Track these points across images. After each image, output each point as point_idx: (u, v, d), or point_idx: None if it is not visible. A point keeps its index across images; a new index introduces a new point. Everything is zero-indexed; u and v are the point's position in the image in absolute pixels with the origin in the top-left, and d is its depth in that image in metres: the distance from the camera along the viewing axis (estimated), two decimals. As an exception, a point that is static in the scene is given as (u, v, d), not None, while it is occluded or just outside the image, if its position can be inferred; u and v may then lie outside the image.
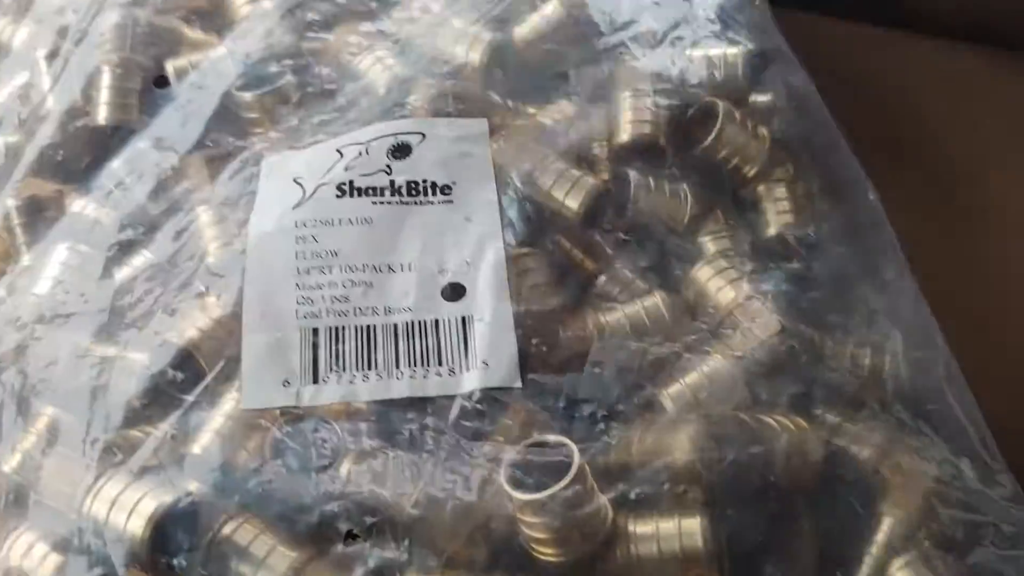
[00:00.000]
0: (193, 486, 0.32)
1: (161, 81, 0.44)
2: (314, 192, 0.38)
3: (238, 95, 0.42)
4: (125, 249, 0.39)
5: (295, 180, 0.39)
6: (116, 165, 0.41)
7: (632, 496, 0.32)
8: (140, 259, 0.38)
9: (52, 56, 0.45)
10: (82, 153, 0.42)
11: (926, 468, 0.35)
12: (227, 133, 0.42)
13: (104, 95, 0.43)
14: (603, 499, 0.32)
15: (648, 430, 0.34)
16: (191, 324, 0.35)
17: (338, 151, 0.40)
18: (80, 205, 0.41)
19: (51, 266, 0.38)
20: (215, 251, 0.38)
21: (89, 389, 0.34)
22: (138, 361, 0.35)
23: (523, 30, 0.45)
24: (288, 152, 0.41)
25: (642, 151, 0.42)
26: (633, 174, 0.41)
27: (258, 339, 0.35)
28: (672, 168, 0.42)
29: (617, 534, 0.32)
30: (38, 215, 0.40)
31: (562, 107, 0.43)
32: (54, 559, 0.31)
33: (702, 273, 0.39)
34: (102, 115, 0.43)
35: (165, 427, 0.33)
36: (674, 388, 0.35)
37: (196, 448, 0.33)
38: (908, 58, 0.63)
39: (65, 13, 0.47)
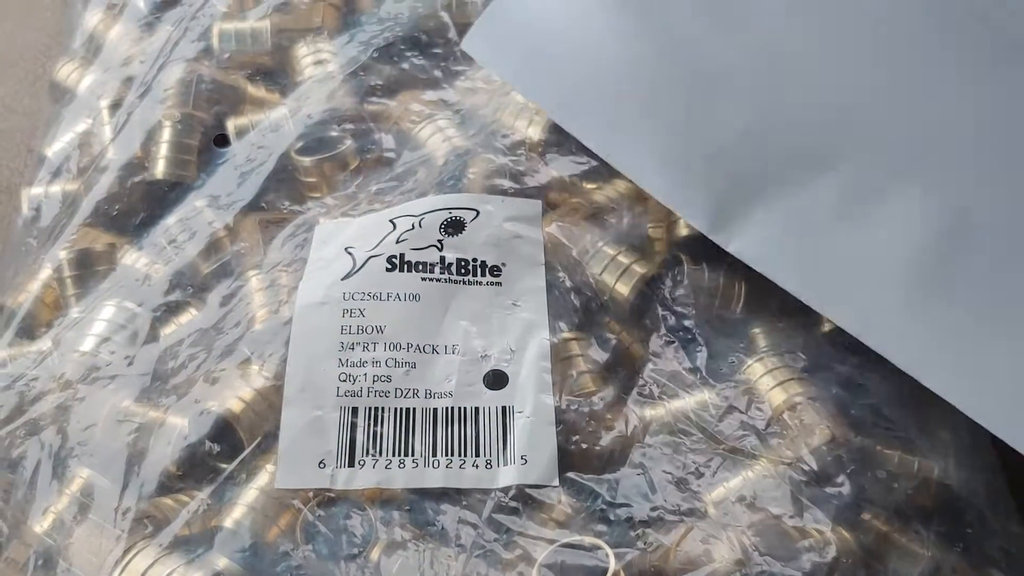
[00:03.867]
0: (222, 563, 0.32)
1: (221, 140, 0.44)
2: (364, 263, 0.38)
3: (297, 159, 0.42)
4: (173, 310, 0.39)
5: (346, 249, 0.39)
6: (170, 222, 0.41)
7: (666, 606, 0.32)
8: (187, 322, 0.38)
9: (115, 106, 0.46)
10: (138, 207, 0.42)
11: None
12: (283, 196, 0.42)
13: (163, 150, 0.43)
14: (637, 607, 0.31)
15: (687, 537, 0.33)
16: (232, 394, 0.35)
17: (391, 222, 0.39)
18: (132, 259, 0.41)
19: (98, 323, 0.38)
20: (262, 318, 0.37)
21: (126, 455, 0.34)
22: (177, 429, 0.34)
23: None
24: (342, 219, 0.40)
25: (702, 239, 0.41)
26: (686, 261, 0.40)
27: (297, 415, 0.34)
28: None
29: (648, 644, 0.31)
30: (89, 268, 0.41)
31: (619, 186, 0.43)
32: (80, 630, 0.31)
33: (752, 370, 0.38)
34: (160, 170, 0.43)
35: (200, 499, 0.33)
36: (717, 492, 0.34)
37: (228, 522, 0.33)
38: None
39: (132, 63, 0.47)
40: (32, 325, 0.40)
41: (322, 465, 0.34)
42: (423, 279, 0.38)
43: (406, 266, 0.38)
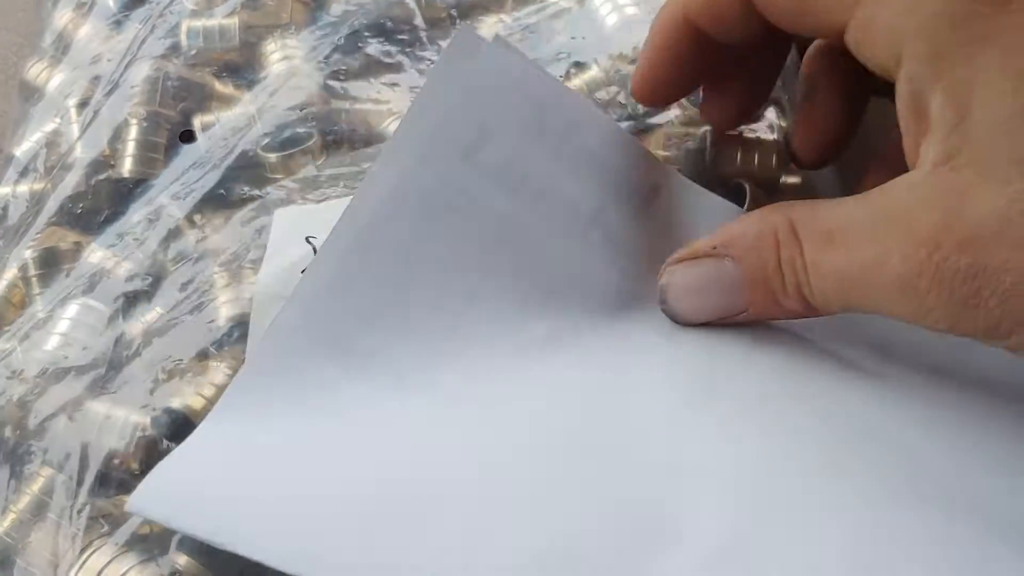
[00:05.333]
0: (181, 560, 0.31)
1: (187, 136, 0.44)
2: None
3: (263, 155, 0.42)
4: (131, 300, 0.38)
5: (307, 239, 0.38)
6: (135, 219, 0.41)
7: None
8: (146, 316, 0.38)
9: (83, 105, 0.46)
10: (103, 205, 0.42)
11: None
12: (243, 182, 0.42)
13: (130, 147, 0.43)
14: None
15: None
16: (192, 390, 0.35)
17: None
18: (96, 257, 0.41)
19: (61, 321, 0.38)
20: (222, 309, 0.37)
21: (83, 452, 0.34)
22: (136, 425, 0.34)
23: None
24: (301, 205, 0.40)
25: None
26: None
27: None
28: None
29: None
30: (55, 267, 0.40)
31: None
32: (36, 630, 0.31)
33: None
34: (126, 168, 0.43)
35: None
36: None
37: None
38: None
39: (100, 62, 0.47)
40: (-2, 325, 0.40)
41: (281, 462, 0.33)
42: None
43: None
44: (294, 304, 0.31)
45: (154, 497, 0.26)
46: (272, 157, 0.42)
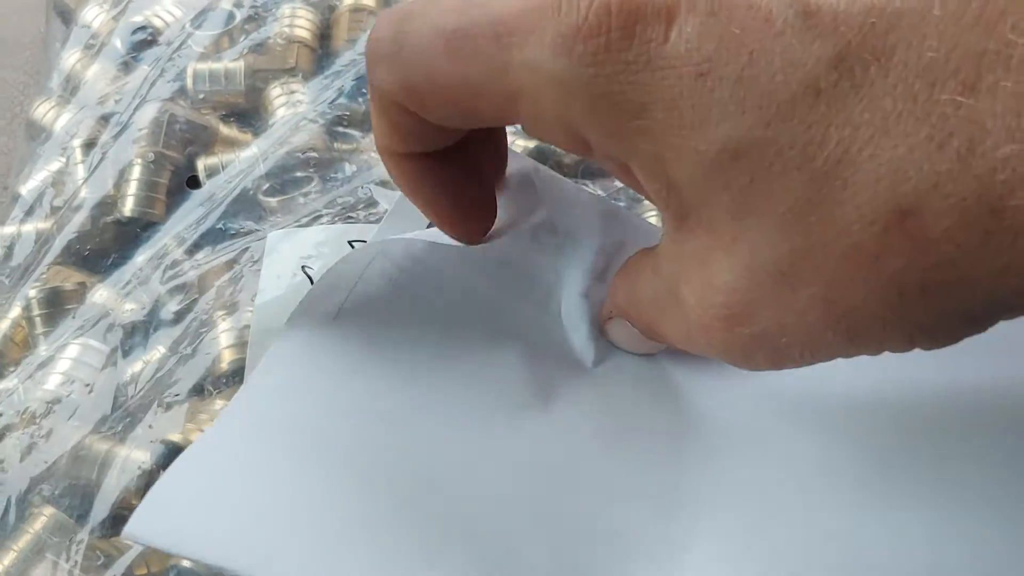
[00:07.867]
0: (178, 603, 0.32)
1: (193, 181, 0.45)
2: None
3: (264, 200, 0.43)
4: (136, 343, 0.39)
5: (303, 267, 0.39)
6: (139, 261, 0.42)
7: None
8: (148, 354, 0.39)
9: (89, 145, 0.46)
10: (110, 247, 0.43)
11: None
12: (243, 218, 0.42)
13: (132, 188, 0.44)
14: None
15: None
16: (195, 427, 0.35)
17: (350, 243, 0.40)
18: (101, 297, 0.41)
19: (63, 361, 0.39)
20: (219, 343, 0.38)
21: (85, 489, 0.34)
22: (136, 462, 0.35)
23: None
24: (293, 230, 0.41)
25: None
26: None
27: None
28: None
29: None
30: (59, 307, 0.41)
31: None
32: (34, 667, 0.31)
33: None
34: (128, 207, 0.44)
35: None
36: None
37: (186, 561, 0.33)
38: None
39: (107, 102, 0.48)
40: (1, 364, 0.40)
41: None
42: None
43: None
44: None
45: (151, 523, 0.25)
46: (273, 201, 0.43)
